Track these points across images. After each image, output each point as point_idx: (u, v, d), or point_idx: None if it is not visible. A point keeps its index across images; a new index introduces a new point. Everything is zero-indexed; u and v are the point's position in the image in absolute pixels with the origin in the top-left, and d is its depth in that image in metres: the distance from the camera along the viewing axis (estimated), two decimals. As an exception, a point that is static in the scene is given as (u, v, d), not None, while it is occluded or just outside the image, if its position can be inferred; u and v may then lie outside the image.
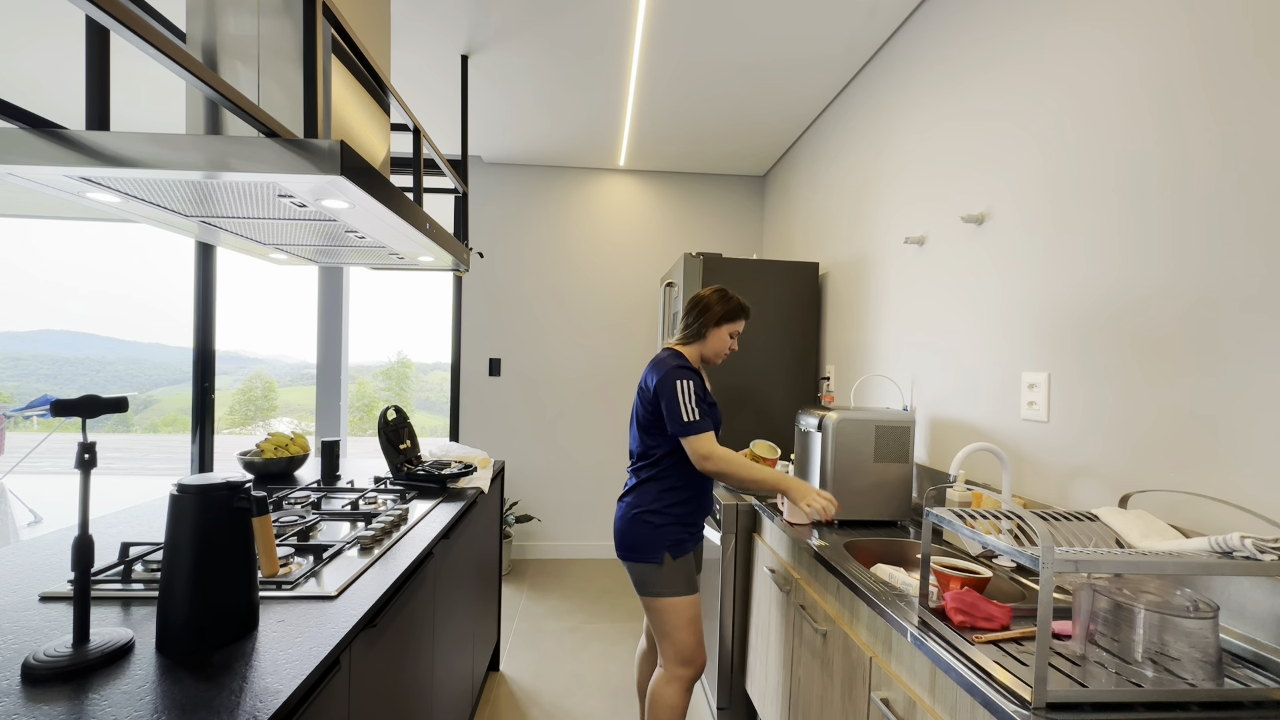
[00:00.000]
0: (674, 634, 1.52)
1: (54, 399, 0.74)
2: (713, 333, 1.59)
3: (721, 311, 1.59)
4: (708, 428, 1.48)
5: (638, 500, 1.56)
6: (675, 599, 1.51)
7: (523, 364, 3.58)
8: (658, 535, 1.52)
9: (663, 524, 1.52)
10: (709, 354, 1.62)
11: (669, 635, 1.52)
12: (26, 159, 0.88)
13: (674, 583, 1.51)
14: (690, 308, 1.63)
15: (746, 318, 1.64)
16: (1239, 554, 0.77)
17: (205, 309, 2.31)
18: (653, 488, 1.55)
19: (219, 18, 1.18)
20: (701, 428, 1.47)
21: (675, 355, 1.58)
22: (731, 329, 1.61)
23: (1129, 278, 1.14)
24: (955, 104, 1.72)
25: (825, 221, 2.68)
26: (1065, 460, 1.28)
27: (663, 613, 1.52)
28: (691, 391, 1.48)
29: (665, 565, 1.51)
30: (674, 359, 1.56)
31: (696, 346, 1.61)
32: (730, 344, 1.63)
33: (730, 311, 1.60)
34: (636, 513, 1.54)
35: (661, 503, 1.54)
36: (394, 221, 1.28)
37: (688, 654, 1.52)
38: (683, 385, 1.48)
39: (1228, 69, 0.97)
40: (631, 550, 1.53)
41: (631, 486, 1.60)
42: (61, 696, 0.69)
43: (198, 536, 0.82)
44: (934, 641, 0.91)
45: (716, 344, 1.60)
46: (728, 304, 1.60)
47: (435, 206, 2.38)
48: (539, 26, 2.13)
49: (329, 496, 1.64)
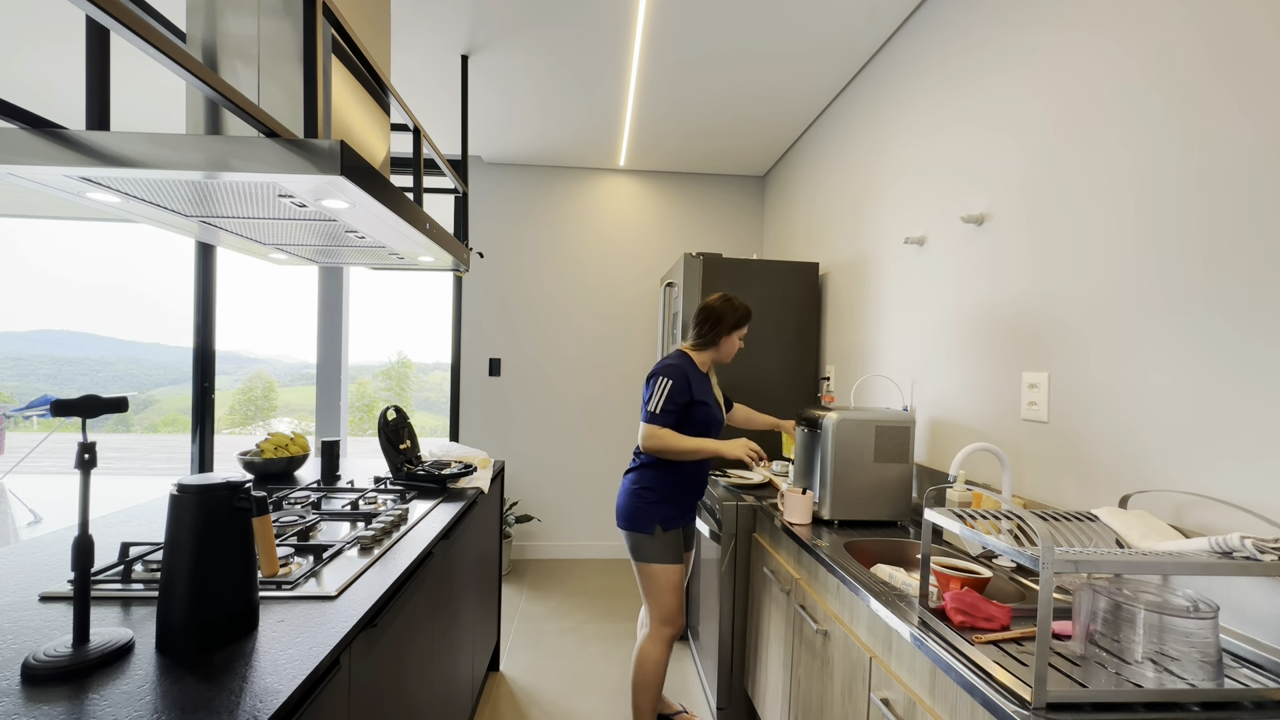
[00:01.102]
0: (659, 595, 1.75)
1: (54, 399, 0.74)
2: (725, 339, 1.81)
3: (733, 320, 1.80)
4: (665, 422, 1.71)
5: (638, 479, 1.79)
6: (662, 565, 1.74)
7: (523, 364, 3.58)
8: (652, 510, 1.74)
9: (657, 500, 1.75)
10: (723, 357, 1.84)
11: (655, 596, 1.76)
12: (26, 159, 0.88)
13: (662, 552, 1.74)
14: (702, 319, 1.82)
15: (750, 320, 1.85)
16: (1239, 554, 0.77)
17: (205, 309, 2.31)
18: (652, 470, 1.78)
19: (219, 18, 1.18)
20: (658, 420, 1.70)
21: (680, 356, 1.80)
22: (741, 333, 1.83)
23: (1129, 277, 1.14)
24: (955, 105, 1.72)
25: (825, 221, 2.68)
26: (1065, 460, 1.28)
27: (651, 577, 1.75)
28: (666, 389, 1.70)
29: (656, 535, 1.74)
30: (675, 358, 1.78)
31: (710, 352, 1.83)
32: (739, 345, 1.85)
33: (740, 319, 1.82)
34: (636, 489, 1.77)
35: (659, 482, 1.77)
36: (394, 221, 1.28)
37: (669, 614, 1.76)
38: (661, 382, 1.72)
39: (1231, 69, 0.97)
40: (630, 520, 1.76)
41: (634, 466, 1.82)
42: (61, 696, 0.69)
43: (198, 536, 0.82)
44: (934, 641, 0.91)
45: (729, 348, 1.83)
46: (736, 312, 1.81)
47: (435, 206, 2.38)
48: (539, 27, 2.13)
49: (329, 496, 1.64)
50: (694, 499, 1.85)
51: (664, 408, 1.70)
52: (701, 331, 1.81)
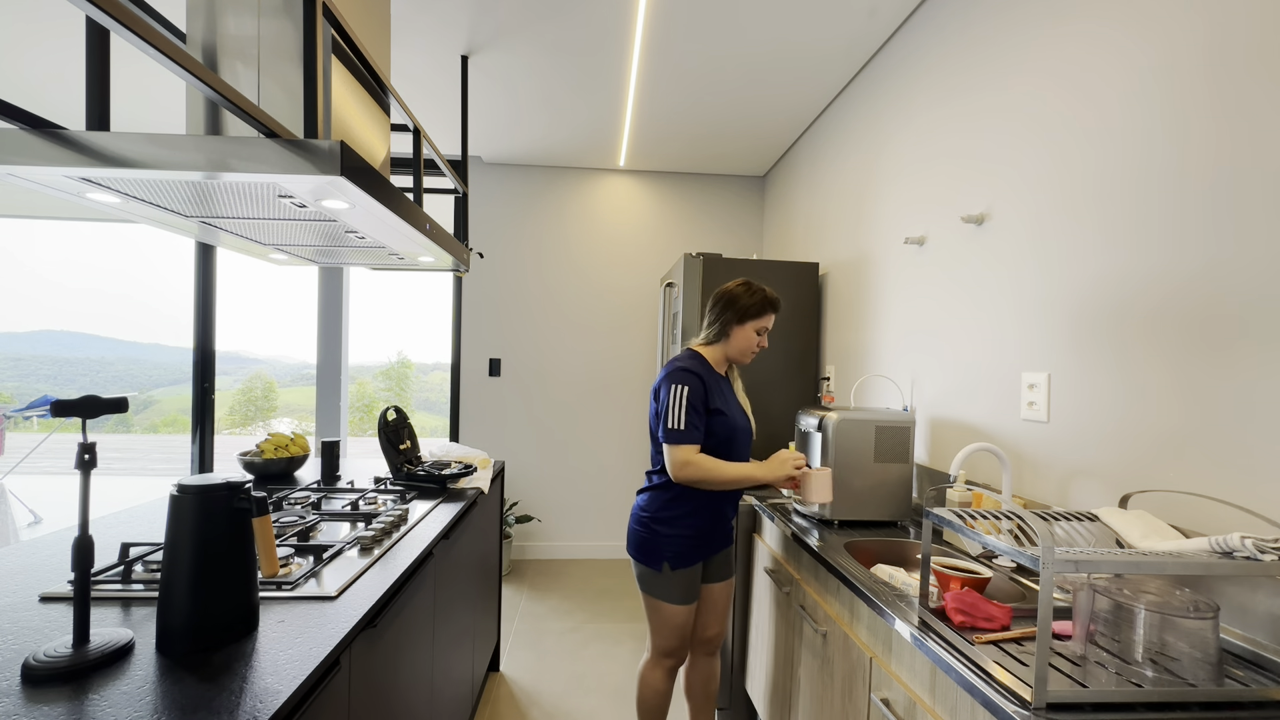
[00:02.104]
0: (660, 631, 1.56)
1: (54, 399, 0.74)
2: (737, 330, 1.49)
3: (746, 305, 1.48)
4: (693, 439, 1.41)
5: (646, 505, 1.54)
6: (668, 605, 1.52)
7: (523, 364, 3.58)
8: (661, 544, 1.50)
9: (668, 534, 1.49)
10: (734, 354, 1.52)
11: (657, 631, 1.57)
12: (26, 159, 0.88)
13: (670, 591, 1.51)
14: (713, 304, 1.52)
15: (776, 311, 1.51)
16: (1239, 554, 0.77)
17: (205, 309, 2.30)
18: (660, 496, 1.51)
19: (219, 18, 1.18)
20: (684, 438, 1.40)
21: (691, 357, 1.51)
22: (758, 325, 1.49)
23: (1129, 277, 1.14)
24: (955, 104, 1.72)
25: (825, 221, 2.68)
26: (1065, 460, 1.28)
27: (656, 612, 1.55)
28: (683, 398, 1.41)
29: (664, 574, 1.50)
30: (685, 360, 1.49)
31: (720, 347, 1.52)
32: (759, 341, 1.51)
33: (755, 306, 1.48)
34: (644, 517, 1.53)
35: (668, 512, 1.50)
36: (394, 222, 1.28)
37: (667, 649, 1.58)
38: (676, 390, 1.42)
39: (1232, 66, 0.97)
40: (637, 550, 1.54)
41: (646, 487, 1.56)
42: (61, 697, 0.69)
43: (198, 537, 0.82)
44: (934, 642, 0.91)
45: (742, 342, 1.50)
46: (753, 298, 1.48)
47: (435, 207, 2.38)
48: (539, 27, 2.13)
49: (329, 497, 1.64)
50: (720, 532, 1.57)
51: (689, 421, 1.39)
52: (710, 320, 1.52)
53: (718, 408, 1.47)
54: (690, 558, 1.51)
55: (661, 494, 1.51)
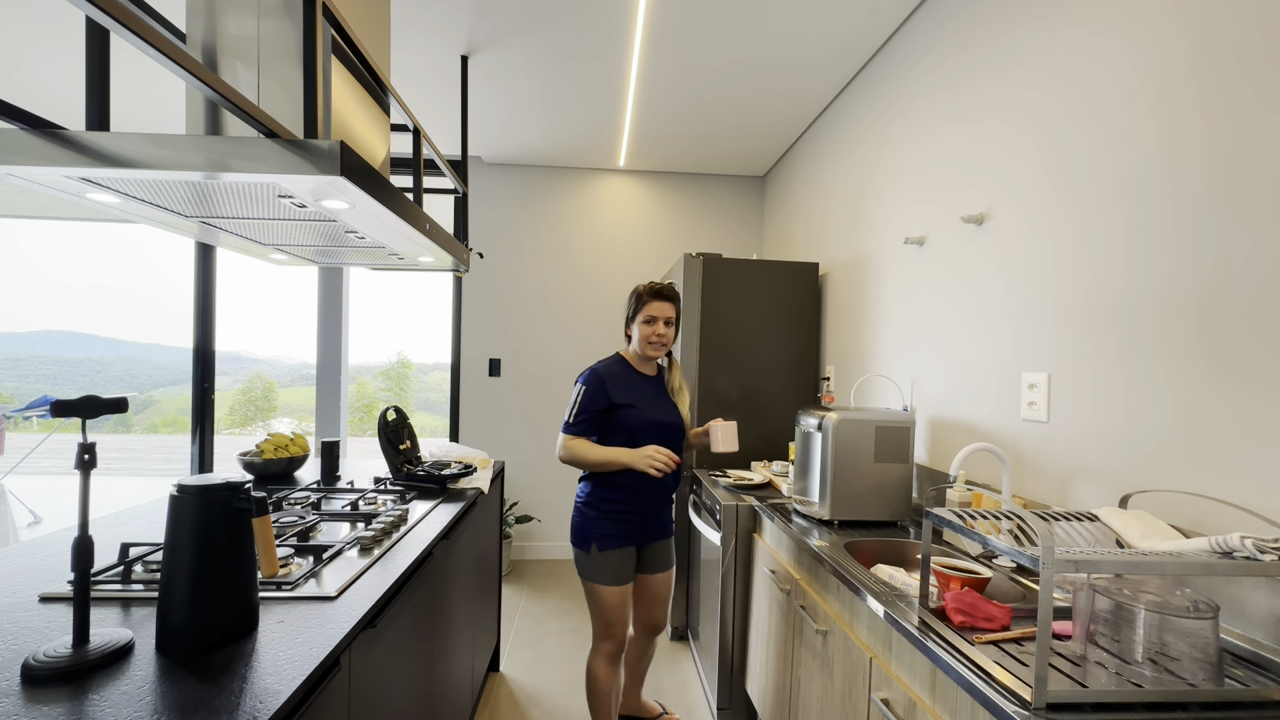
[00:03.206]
0: (596, 614, 1.70)
1: (54, 399, 0.74)
2: (633, 329, 1.71)
3: (631, 306, 1.71)
4: (576, 431, 1.65)
5: (581, 492, 1.73)
6: (599, 586, 1.66)
7: (523, 364, 3.58)
8: (589, 526, 1.67)
9: (596, 517, 1.67)
10: (641, 349, 1.70)
11: (594, 615, 1.70)
12: (26, 159, 0.88)
13: (599, 572, 1.66)
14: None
15: (662, 298, 1.67)
16: (1239, 554, 0.77)
17: (205, 309, 2.31)
18: (591, 483, 1.71)
19: (219, 18, 1.18)
20: (571, 430, 1.65)
21: (611, 359, 1.74)
22: (645, 316, 1.67)
23: (1130, 277, 1.14)
24: (955, 104, 1.72)
25: (825, 222, 2.68)
26: (1065, 460, 1.28)
27: (590, 594, 1.69)
28: (579, 396, 1.65)
29: (592, 555, 1.66)
30: (602, 362, 1.72)
31: (632, 347, 1.74)
32: (653, 330, 1.67)
33: (634, 302, 1.69)
34: (578, 503, 1.72)
35: (597, 498, 1.68)
36: (394, 222, 1.28)
37: (603, 633, 1.70)
38: (576, 389, 1.67)
39: (1228, 67, 0.97)
40: (572, 534, 1.71)
41: (581, 477, 1.76)
42: (61, 697, 0.69)
43: (197, 537, 0.82)
44: (934, 642, 0.91)
45: (641, 340, 1.69)
46: (633, 296, 1.70)
47: (435, 207, 2.38)
48: (539, 27, 2.13)
49: (329, 497, 1.64)
50: (651, 519, 1.71)
51: (576, 417, 1.64)
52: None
53: (625, 402, 1.66)
54: (617, 541, 1.66)
55: (591, 482, 1.71)
